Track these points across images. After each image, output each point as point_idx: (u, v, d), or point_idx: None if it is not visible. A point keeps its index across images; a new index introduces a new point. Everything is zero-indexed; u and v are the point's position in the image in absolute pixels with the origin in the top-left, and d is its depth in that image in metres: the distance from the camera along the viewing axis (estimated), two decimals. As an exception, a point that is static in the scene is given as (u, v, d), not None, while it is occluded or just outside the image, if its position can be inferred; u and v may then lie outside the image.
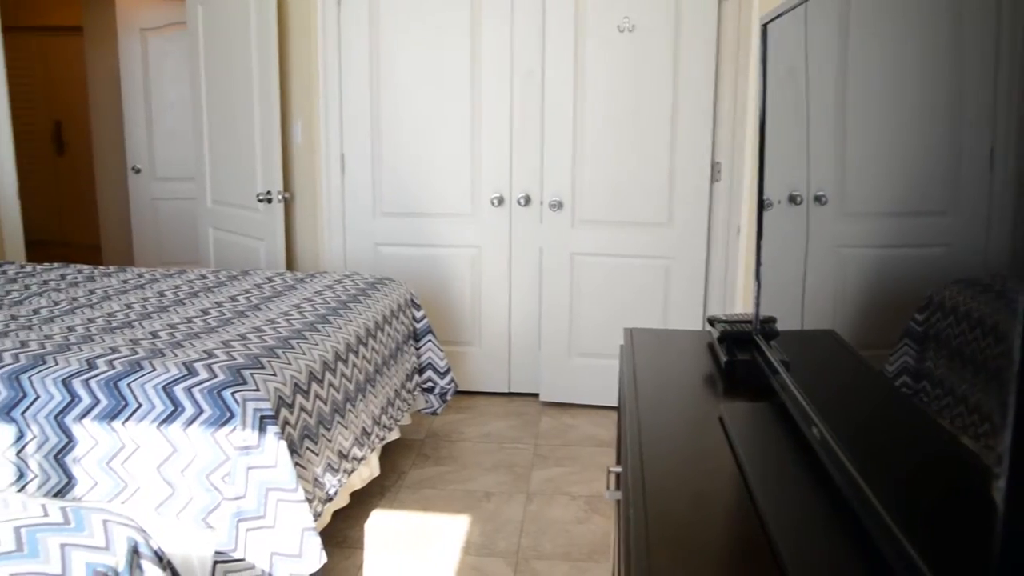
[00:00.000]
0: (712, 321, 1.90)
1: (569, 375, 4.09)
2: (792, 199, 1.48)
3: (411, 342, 3.39)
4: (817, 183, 1.32)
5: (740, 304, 3.83)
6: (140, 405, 2.18)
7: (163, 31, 6.20)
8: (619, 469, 1.61)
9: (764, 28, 1.65)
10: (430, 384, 3.50)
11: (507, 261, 4.15)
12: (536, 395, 4.25)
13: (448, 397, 3.54)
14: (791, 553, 0.98)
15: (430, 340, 3.49)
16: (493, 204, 4.10)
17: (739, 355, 1.71)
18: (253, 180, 4.22)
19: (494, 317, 4.22)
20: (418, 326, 3.46)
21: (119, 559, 1.48)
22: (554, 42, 3.83)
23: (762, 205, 1.69)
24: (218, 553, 2.13)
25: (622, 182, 3.90)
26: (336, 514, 2.94)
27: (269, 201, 4.10)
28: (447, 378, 3.52)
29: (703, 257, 3.89)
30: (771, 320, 1.59)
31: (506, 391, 4.29)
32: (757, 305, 1.70)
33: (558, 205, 3.94)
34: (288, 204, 4.34)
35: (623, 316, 3.99)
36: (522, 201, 4.06)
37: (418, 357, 3.46)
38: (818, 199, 1.31)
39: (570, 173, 3.92)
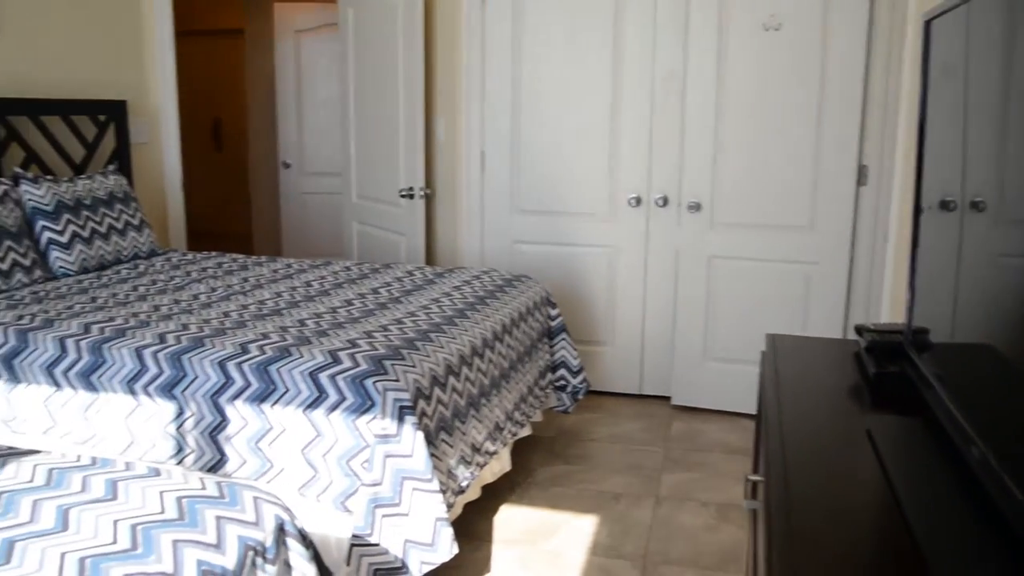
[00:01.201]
0: (860, 330, 1.83)
1: (702, 379, 4.03)
2: (944, 205, 1.41)
3: (545, 340, 3.42)
4: (975, 188, 1.25)
5: (886, 314, 3.67)
6: (287, 390, 2.28)
7: (316, 33, 6.46)
8: (758, 478, 1.58)
9: (927, 25, 1.58)
10: (562, 382, 3.52)
11: (643, 262, 4.12)
12: (667, 398, 4.20)
13: (580, 396, 3.55)
14: None
15: (564, 338, 3.50)
16: (631, 204, 4.07)
17: (888, 367, 1.64)
18: (396, 176, 4.35)
19: (628, 318, 4.20)
20: (553, 324, 3.48)
21: (267, 535, 1.56)
22: (697, 41, 3.78)
23: (919, 210, 1.62)
24: (355, 537, 2.21)
25: (763, 184, 3.80)
26: (467, 507, 3.00)
27: (411, 197, 4.22)
28: (579, 377, 3.53)
29: (846, 263, 3.75)
30: (924, 331, 1.53)
31: (637, 393, 4.27)
32: (910, 315, 1.63)
33: (696, 207, 3.88)
34: (429, 200, 4.44)
35: (760, 322, 3.90)
36: (660, 202, 4.02)
37: (551, 355, 3.48)
38: (975, 205, 1.25)
39: (710, 174, 3.86)
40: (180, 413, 2.38)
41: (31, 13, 3.81)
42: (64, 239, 3.44)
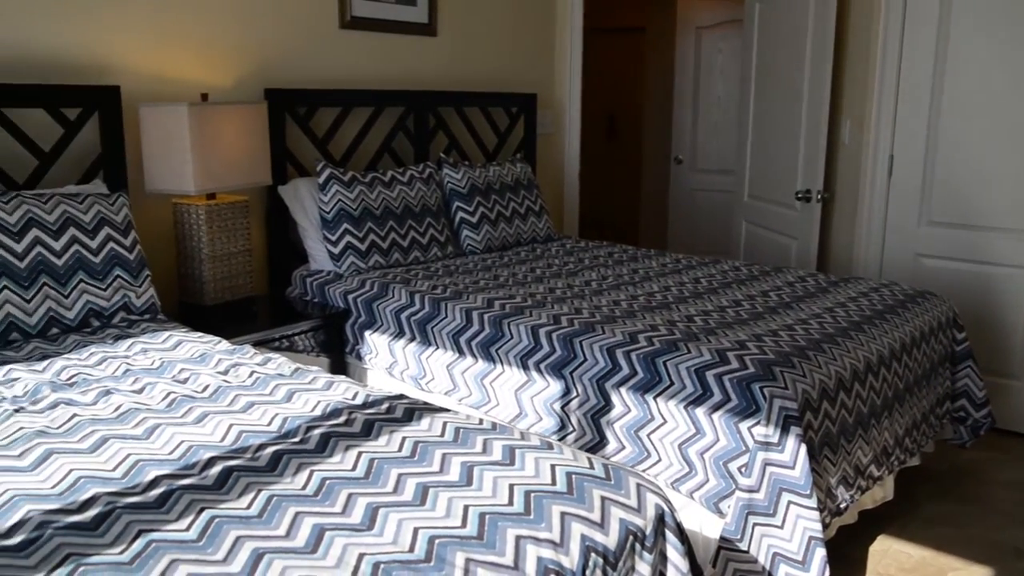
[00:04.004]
0: None
1: None
2: None
3: (947, 365, 3.10)
4: None
5: None
6: (672, 383, 2.30)
7: (716, 29, 6.43)
8: None
9: None
10: (962, 414, 3.17)
11: (1075, 290, 3.59)
12: (1092, 450, 3.63)
13: (981, 432, 3.18)
14: None
15: (969, 366, 3.16)
16: (1067, 223, 3.56)
17: None
18: (793, 177, 4.19)
19: (1049, 352, 3.68)
20: (957, 349, 3.15)
21: (647, 523, 1.58)
22: None
23: None
24: (723, 539, 2.18)
25: None
26: (841, 530, 2.83)
27: (807, 200, 4.04)
28: (983, 411, 3.16)
29: None
30: None
31: (1052, 438, 3.74)
32: None
33: None
34: (826, 204, 4.24)
35: None
36: (1106, 222, 3.47)
37: (953, 383, 3.15)
38: None
39: None
40: (567, 392, 2.50)
41: (463, 16, 4.21)
42: (474, 219, 3.76)
